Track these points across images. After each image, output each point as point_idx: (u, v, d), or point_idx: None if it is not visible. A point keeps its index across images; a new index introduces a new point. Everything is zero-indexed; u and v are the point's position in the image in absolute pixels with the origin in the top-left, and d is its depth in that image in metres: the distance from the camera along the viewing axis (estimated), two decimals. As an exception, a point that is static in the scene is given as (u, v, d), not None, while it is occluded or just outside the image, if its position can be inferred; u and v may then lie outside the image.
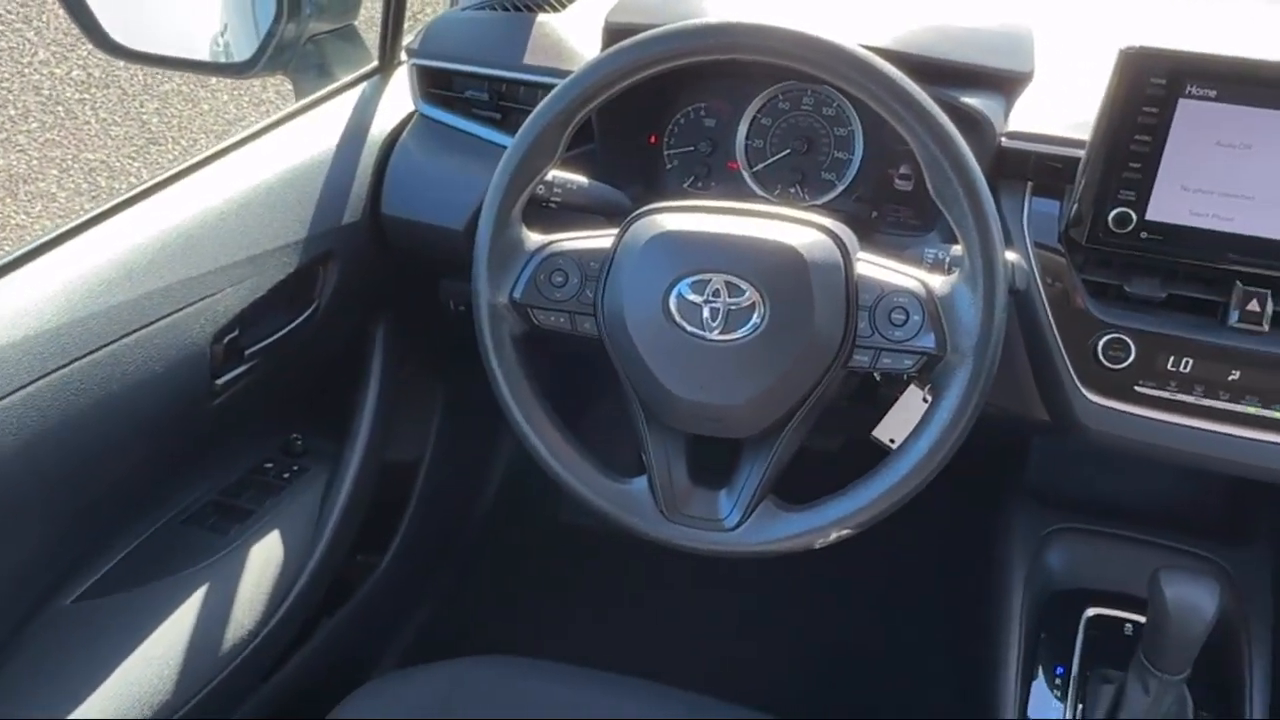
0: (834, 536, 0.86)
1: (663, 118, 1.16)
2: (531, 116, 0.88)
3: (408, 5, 1.27)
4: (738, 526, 0.88)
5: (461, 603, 1.69)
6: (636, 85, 0.86)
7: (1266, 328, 0.90)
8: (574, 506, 0.93)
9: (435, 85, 1.20)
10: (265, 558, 1.13)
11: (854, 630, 1.67)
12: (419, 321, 1.35)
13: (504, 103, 1.16)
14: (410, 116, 1.23)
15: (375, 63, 1.29)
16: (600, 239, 0.90)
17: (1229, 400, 0.92)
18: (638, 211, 0.89)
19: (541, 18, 1.21)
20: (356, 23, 1.39)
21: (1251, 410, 0.92)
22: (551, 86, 0.88)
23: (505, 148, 0.89)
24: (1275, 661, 1.09)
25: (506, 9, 1.24)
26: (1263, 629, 1.10)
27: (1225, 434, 0.93)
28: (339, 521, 1.22)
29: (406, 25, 1.29)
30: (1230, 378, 0.92)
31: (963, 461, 0.86)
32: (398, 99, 1.25)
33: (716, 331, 0.83)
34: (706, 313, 0.83)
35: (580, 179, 1.01)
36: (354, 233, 1.17)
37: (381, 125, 1.22)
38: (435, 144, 1.19)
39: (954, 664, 1.36)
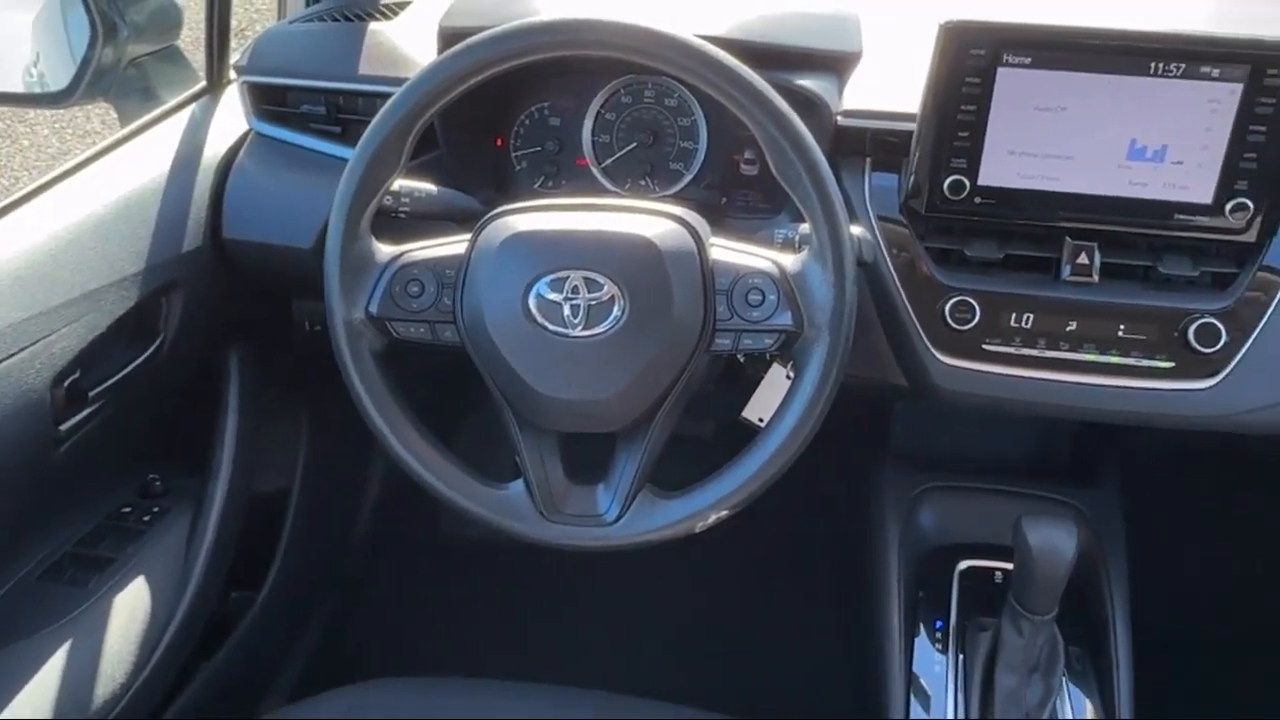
0: (713, 519, 0.87)
1: (507, 119, 1.15)
2: (371, 127, 0.86)
3: (232, 22, 1.23)
4: (618, 520, 0.88)
5: (349, 628, 1.65)
6: (478, 88, 0.86)
7: (1096, 278, 0.96)
8: (454, 518, 0.91)
9: (268, 102, 1.16)
10: (131, 607, 1.08)
11: (744, 607, 1.70)
12: (274, 345, 1.31)
13: (342, 115, 1.14)
14: (245, 136, 1.19)
15: (203, 83, 1.24)
16: (453, 245, 0.89)
17: (1069, 350, 0.97)
18: (489, 215, 0.88)
19: (374, 26, 1.18)
20: (179, 43, 1.34)
21: (1090, 358, 0.97)
22: (390, 95, 0.86)
23: (347, 161, 0.87)
24: (1133, 592, 1.16)
25: (337, 19, 1.22)
26: (1119, 562, 1.17)
27: (1068, 382, 0.98)
28: (208, 560, 1.18)
29: (233, 43, 1.25)
30: (1068, 328, 0.97)
31: (831, 431, 0.88)
32: (230, 119, 1.21)
33: (579, 328, 0.83)
34: (567, 310, 0.83)
35: (428, 186, 0.99)
36: (196, 260, 1.13)
37: (216, 147, 1.18)
38: (274, 162, 1.16)
39: (842, 628, 1.39)
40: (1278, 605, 1.73)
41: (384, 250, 0.89)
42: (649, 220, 0.86)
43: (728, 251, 0.87)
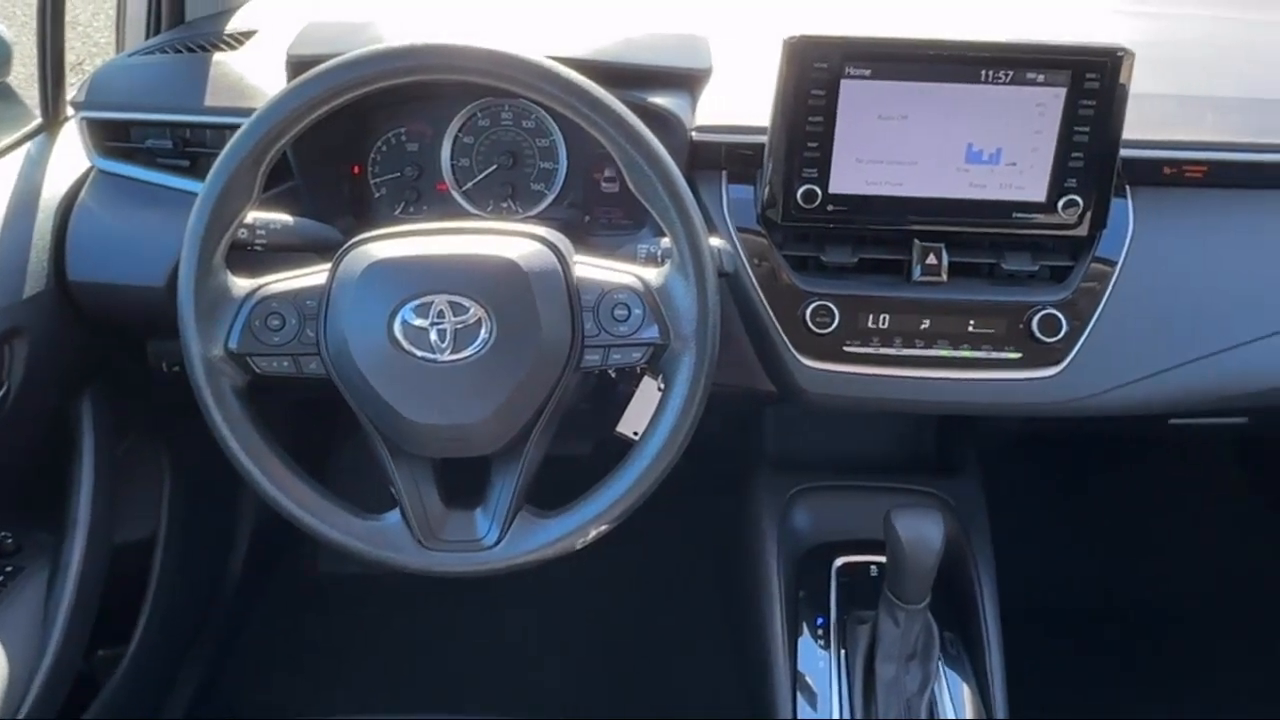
0: (593, 535, 0.88)
1: (363, 146, 1.14)
2: (220, 159, 0.84)
3: (68, 56, 1.19)
4: (498, 543, 0.88)
5: (226, 677, 1.59)
6: (331, 116, 0.85)
7: (945, 277, 1.00)
8: (333, 555, 0.89)
9: (111, 138, 1.12)
10: (-13, 673, 1.03)
11: (632, 619, 1.71)
12: (130, 390, 1.26)
13: (190, 148, 1.10)
14: (87, 174, 1.15)
15: (38, 120, 1.19)
16: (314, 276, 0.87)
17: (924, 347, 1.01)
18: (349, 244, 0.87)
19: (219, 57, 1.16)
20: (10, 80, 1.28)
21: (943, 353, 1.01)
22: (239, 126, 0.85)
23: (197, 195, 0.85)
24: (999, 575, 1.21)
25: (179, 51, 1.18)
26: (984, 547, 1.22)
27: (925, 378, 1.02)
28: (69, 618, 1.12)
29: (69, 78, 1.21)
30: (922, 326, 1.01)
31: (706, 439, 0.90)
32: (69, 156, 1.16)
33: (446, 352, 0.83)
34: (434, 335, 0.83)
35: (284, 218, 0.97)
36: (40, 305, 1.08)
37: (55, 186, 1.13)
38: (119, 200, 1.12)
39: (728, 632, 1.41)
40: (1130, 578, 1.83)
41: (241, 284, 0.87)
42: (512, 241, 0.86)
43: (592, 268, 0.88)
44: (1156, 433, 1.24)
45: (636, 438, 0.90)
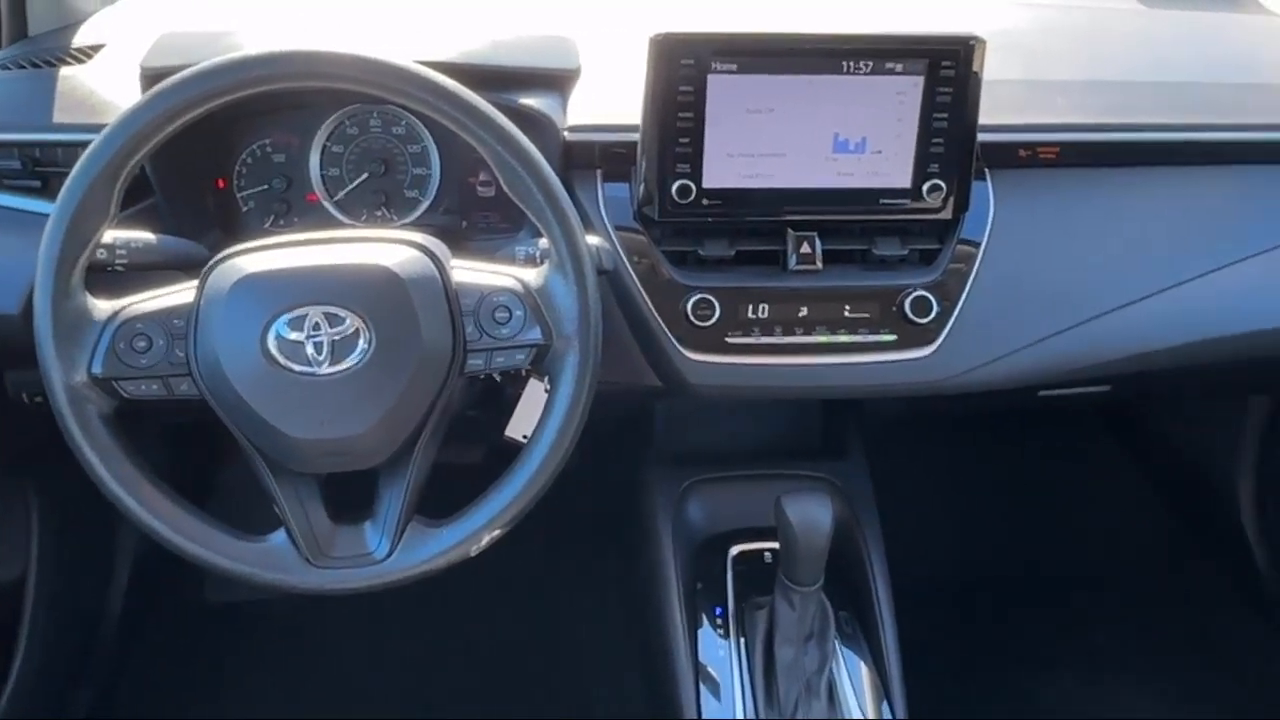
0: (487, 540, 0.87)
1: (227, 159, 1.11)
2: (71, 178, 0.80)
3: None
4: (389, 555, 0.86)
5: (113, 715, 1.53)
6: (191, 128, 0.82)
7: (820, 265, 1.03)
8: (219, 582, 0.87)
9: (-48, 160, 1.06)
10: None
11: (533, 622, 1.71)
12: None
13: (41, 168, 1.05)
14: (-72, 198, 1.08)
15: None
16: (180, 294, 0.84)
17: (803, 334, 1.03)
18: (215, 259, 0.85)
19: (66, 71, 1.11)
20: None
21: (822, 339, 1.03)
22: (90, 143, 0.81)
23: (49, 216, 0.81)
24: (888, 552, 1.25)
25: (24, 67, 1.13)
26: (872, 525, 1.26)
27: (806, 364, 1.04)
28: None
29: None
30: (800, 314, 1.03)
31: (599, 438, 0.90)
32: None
33: (325, 365, 0.81)
34: (310, 348, 0.81)
35: (146, 235, 0.94)
36: None
37: None
38: (-35, 225, 1.06)
39: (629, 627, 1.42)
40: (1012, 546, 1.90)
41: (102, 306, 0.84)
42: (386, 249, 0.85)
43: (470, 272, 0.87)
44: (1027, 405, 1.29)
45: (526, 440, 0.89)
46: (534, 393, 1.01)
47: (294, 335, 0.81)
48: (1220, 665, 1.71)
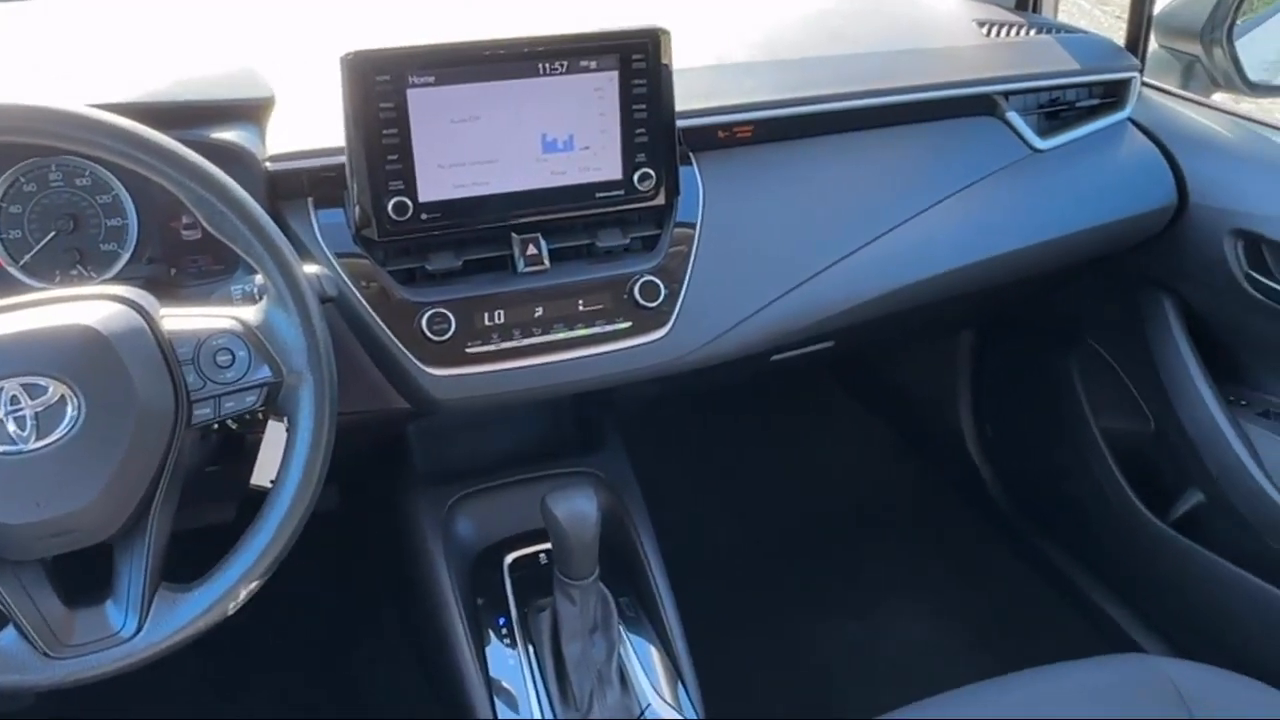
0: (244, 595, 0.83)
1: (-116, 234, 1.00)
2: None
3: None
4: (138, 631, 0.80)
5: None
6: None
7: (548, 264, 1.04)
8: None
9: None
10: None
11: (316, 662, 1.64)
12: None
13: None
14: None
15: None
16: None
17: (542, 334, 1.04)
18: None
19: None
20: None
21: (561, 336, 1.05)
22: None
23: None
24: (658, 531, 1.28)
25: None
26: (639, 508, 1.29)
27: (550, 362, 1.05)
28: None
29: None
30: (536, 315, 1.04)
31: (352, 468, 0.87)
32: None
33: (31, 440, 0.75)
34: (11, 425, 0.74)
35: None
36: None
37: None
38: None
39: (417, 659, 1.39)
40: (775, 505, 2.01)
41: None
42: (85, 307, 0.79)
43: (183, 319, 0.83)
44: (766, 371, 1.36)
45: (272, 486, 0.86)
46: (274, 435, 0.97)
47: (-10, 414, 0.74)
48: (969, 584, 1.87)
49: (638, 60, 1.02)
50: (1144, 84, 1.43)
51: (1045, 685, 1.06)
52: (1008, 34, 1.43)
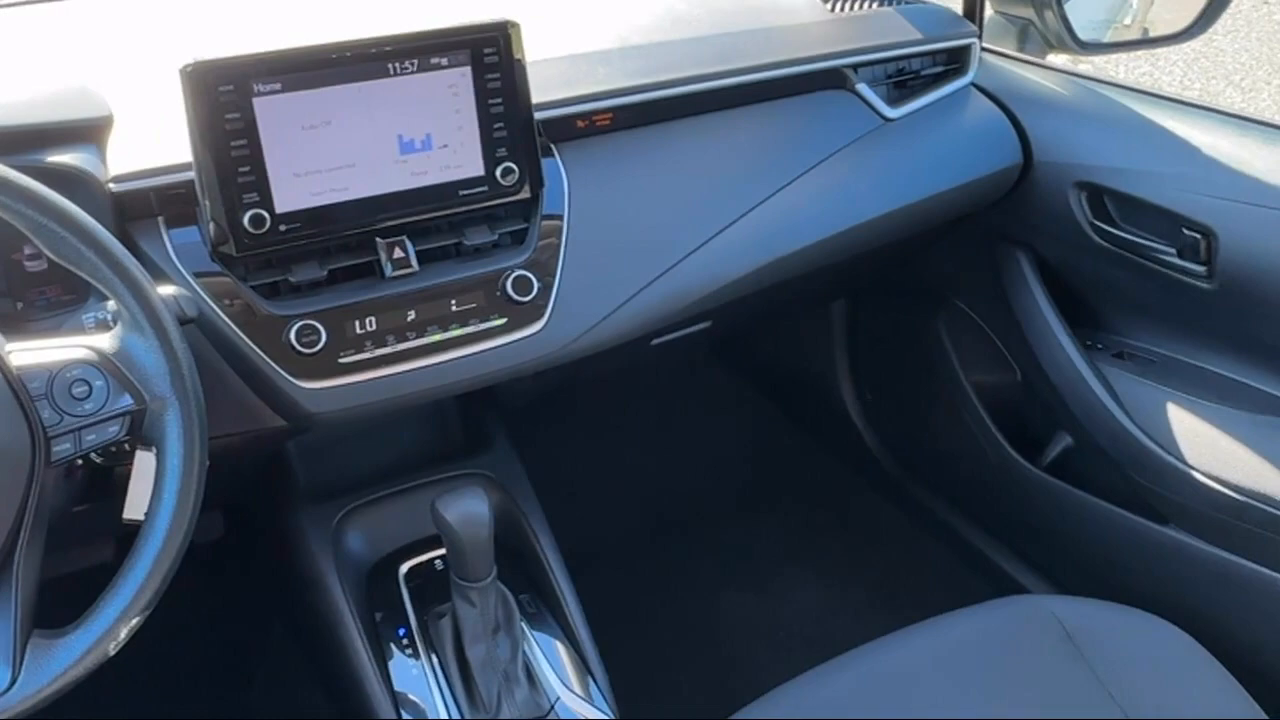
0: (125, 634, 0.80)
1: None
2: None
3: None
4: (14, 683, 0.76)
5: None
6: None
7: (416, 267, 1.02)
8: None
9: None
10: None
11: (207, 703, 1.60)
12: None
13: None
14: None
15: None
16: None
17: (417, 338, 1.03)
18: None
19: None
20: None
21: (437, 338, 1.04)
22: None
23: None
24: (553, 524, 1.28)
25: None
26: (531, 504, 1.28)
27: (427, 365, 1.04)
28: None
29: None
30: (409, 318, 1.02)
31: (233, 493, 0.85)
32: None
33: None
34: None
35: None
36: None
37: None
38: None
39: (320, 681, 1.36)
40: (667, 488, 2.03)
41: None
42: None
43: (32, 352, 0.79)
44: (648, 355, 1.37)
45: (146, 518, 0.82)
46: (144, 465, 0.93)
47: None
48: (861, 546, 1.93)
49: (489, 55, 1.01)
50: (984, 49, 1.48)
51: (938, 635, 1.10)
52: (852, 8, 1.47)
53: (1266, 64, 5.11)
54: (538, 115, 1.06)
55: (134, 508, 0.94)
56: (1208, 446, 1.28)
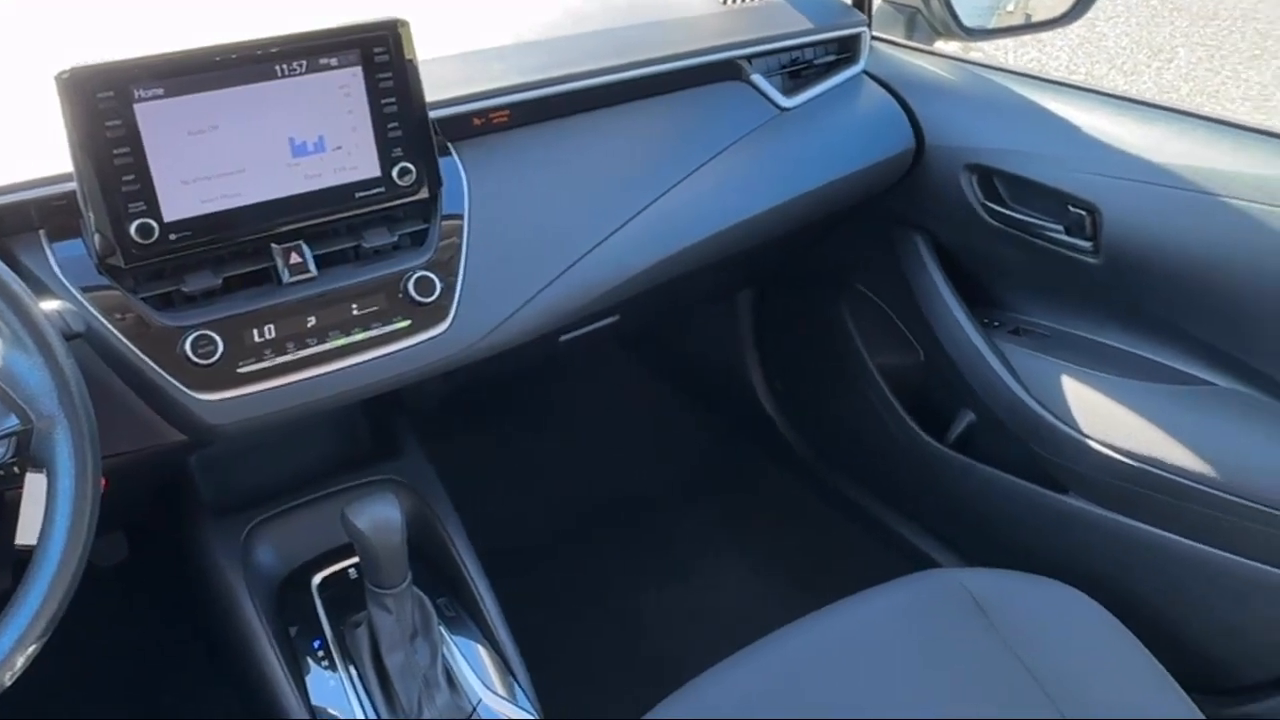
0: (22, 663, 0.77)
1: None
2: None
3: None
4: None
5: None
6: None
7: (314, 271, 1.01)
8: None
9: None
10: None
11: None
12: None
13: None
14: None
15: None
16: None
17: (318, 344, 1.01)
18: None
19: None
20: None
21: (339, 343, 1.02)
22: None
23: None
24: (468, 526, 1.27)
25: None
26: (444, 507, 1.27)
27: (332, 372, 1.02)
28: None
29: None
30: (309, 324, 1.00)
31: (134, 513, 0.82)
32: None
33: None
34: None
35: None
36: None
37: None
38: None
39: (237, 700, 1.33)
40: (586, 484, 2.03)
41: None
42: None
43: None
44: (558, 352, 1.37)
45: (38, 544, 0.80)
46: (35, 488, 0.89)
47: None
48: (779, 531, 1.95)
49: (380, 54, 0.99)
50: (874, 38, 1.51)
51: (852, 614, 1.12)
52: (744, 1, 1.48)
53: (1146, 47, 5.32)
54: (433, 114, 1.05)
55: (25, 533, 0.90)
56: (1102, 416, 1.33)
